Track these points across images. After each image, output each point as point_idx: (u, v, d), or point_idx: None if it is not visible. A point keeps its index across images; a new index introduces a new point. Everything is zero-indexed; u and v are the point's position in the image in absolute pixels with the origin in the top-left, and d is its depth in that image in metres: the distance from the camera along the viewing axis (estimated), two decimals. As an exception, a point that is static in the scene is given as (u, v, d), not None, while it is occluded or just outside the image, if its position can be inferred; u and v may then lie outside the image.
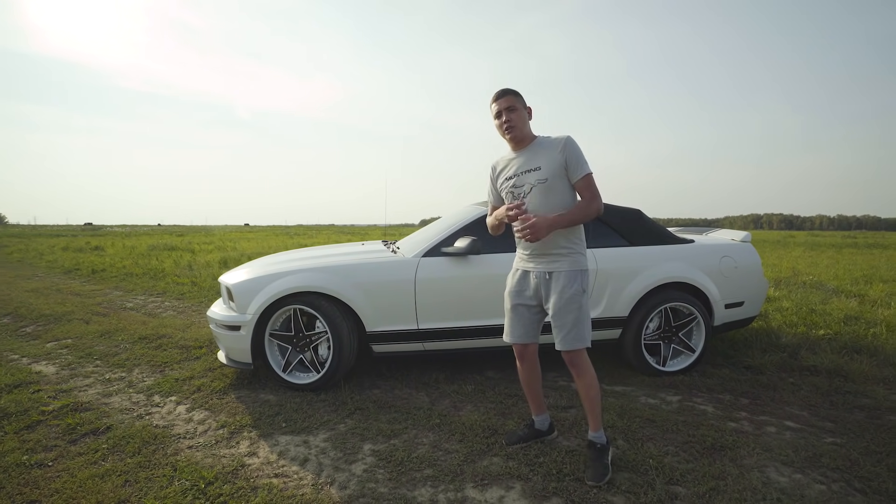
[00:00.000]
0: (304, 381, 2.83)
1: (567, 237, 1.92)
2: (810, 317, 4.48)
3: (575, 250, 1.93)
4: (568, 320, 1.89)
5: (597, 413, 1.98)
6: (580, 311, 1.89)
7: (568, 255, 1.92)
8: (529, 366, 2.14)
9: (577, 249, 1.94)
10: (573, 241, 1.93)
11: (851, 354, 3.42)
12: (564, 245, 1.92)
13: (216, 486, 1.85)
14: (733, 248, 3.35)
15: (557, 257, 1.93)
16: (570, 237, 1.93)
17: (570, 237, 1.93)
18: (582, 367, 1.94)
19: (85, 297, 6.04)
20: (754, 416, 2.49)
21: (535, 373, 2.16)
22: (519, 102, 1.92)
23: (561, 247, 1.92)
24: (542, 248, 1.95)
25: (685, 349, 3.14)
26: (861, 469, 1.95)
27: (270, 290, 2.80)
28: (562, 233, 1.90)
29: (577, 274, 1.91)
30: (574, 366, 1.94)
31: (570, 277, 1.90)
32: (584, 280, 1.92)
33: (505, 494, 1.81)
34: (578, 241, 1.95)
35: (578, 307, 1.89)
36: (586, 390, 1.96)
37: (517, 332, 2.08)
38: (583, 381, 1.96)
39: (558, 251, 1.93)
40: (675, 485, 1.85)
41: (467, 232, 3.03)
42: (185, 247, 14.18)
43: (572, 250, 1.93)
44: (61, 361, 3.43)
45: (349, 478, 1.92)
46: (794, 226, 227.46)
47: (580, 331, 1.90)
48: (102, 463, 2.04)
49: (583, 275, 1.92)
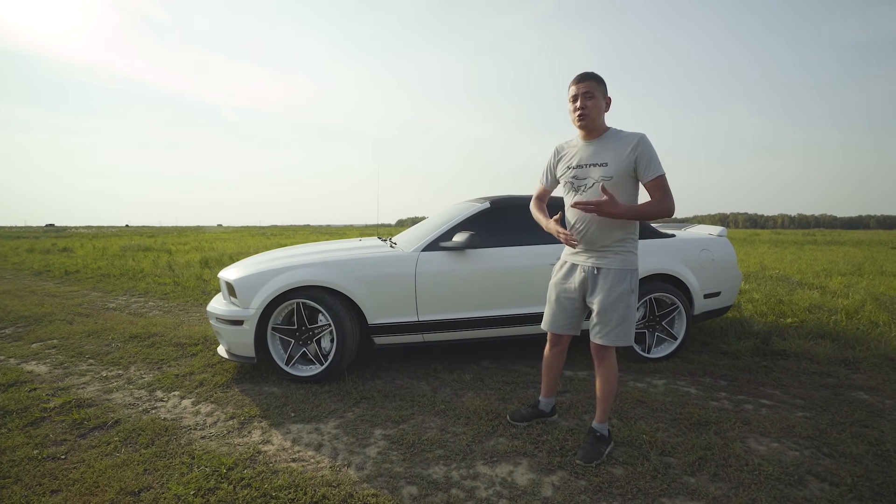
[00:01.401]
0: (308, 374, 2.90)
1: (622, 234, 1.88)
2: (778, 307, 4.80)
3: (627, 248, 1.90)
4: (614, 318, 1.88)
5: (607, 407, 2.02)
6: (627, 309, 1.87)
7: (620, 252, 1.89)
8: (559, 353, 2.21)
9: (629, 248, 1.90)
10: (627, 239, 1.89)
11: (816, 339, 3.71)
12: (618, 242, 1.88)
13: (237, 471, 1.91)
14: (711, 242, 3.58)
15: (608, 254, 1.90)
16: (625, 234, 1.88)
17: (626, 234, 1.88)
18: (607, 360, 1.97)
19: (63, 299, 5.87)
20: (733, 396, 2.70)
21: (561, 360, 2.24)
22: (599, 90, 1.83)
23: (614, 243, 1.89)
24: (592, 243, 1.91)
25: (668, 337, 3.35)
26: (828, 437, 2.17)
27: (275, 285, 2.86)
28: (617, 229, 1.86)
29: (626, 273, 1.88)
30: (602, 359, 1.97)
31: (620, 276, 1.88)
32: (633, 279, 1.90)
33: (514, 469, 1.94)
34: (632, 239, 1.91)
35: (626, 306, 1.87)
36: (605, 383, 1.99)
37: (560, 322, 2.09)
38: (604, 374, 1.98)
39: (611, 248, 1.89)
40: (667, 456, 2.02)
41: (465, 227, 3.16)
42: (159, 247, 13.82)
43: (625, 248, 1.89)
44: (52, 361, 3.38)
45: (365, 460, 2.02)
46: (759, 224, 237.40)
47: (623, 329, 1.88)
48: (117, 454, 2.06)
49: (633, 274, 1.90)
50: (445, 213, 3.58)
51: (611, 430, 2.10)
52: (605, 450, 2.00)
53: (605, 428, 2.06)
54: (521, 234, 3.16)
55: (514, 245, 3.16)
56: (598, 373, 2.01)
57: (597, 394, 2.04)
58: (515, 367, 3.21)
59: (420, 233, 3.40)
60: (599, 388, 2.02)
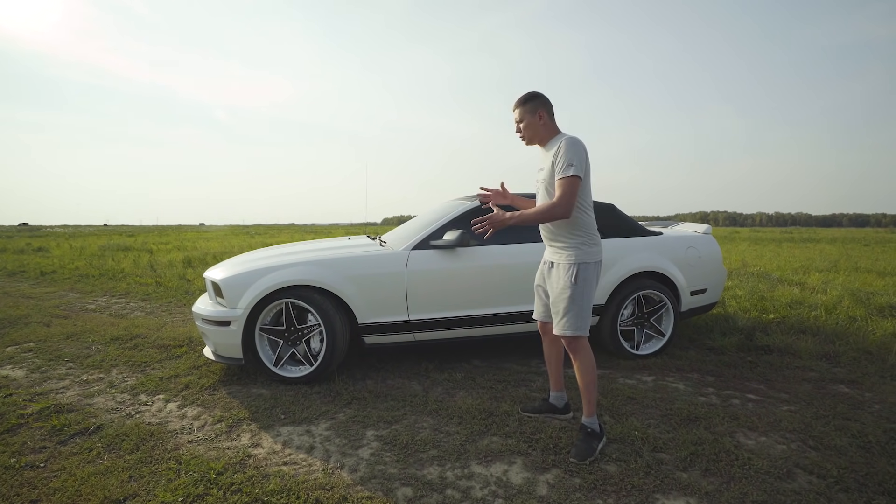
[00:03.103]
0: (297, 375, 2.85)
1: (568, 231, 2.00)
2: (761, 303, 4.91)
3: (572, 244, 2.00)
4: (560, 308, 2.01)
5: (590, 399, 2.05)
6: (570, 300, 1.97)
7: (567, 248, 2.01)
8: (549, 342, 2.30)
9: (573, 244, 2.00)
10: (574, 235, 2.00)
11: (798, 335, 3.80)
12: (565, 239, 2.02)
13: (227, 476, 1.87)
14: (697, 240, 3.64)
15: (559, 249, 2.05)
16: (571, 231, 2.00)
17: (571, 231, 2.00)
18: (577, 353, 2.02)
19: (39, 300, 5.68)
20: (720, 391, 2.74)
21: (555, 349, 2.30)
22: (528, 111, 2.01)
23: (561, 240, 2.03)
24: (548, 241, 2.12)
25: (656, 334, 3.39)
26: (813, 430, 2.22)
27: (263, 284, 2.80)
28: (563, 227, 2.00)
29: (571, 267, 1.99)
30: (570, 350, 2.05)
31: (565, 269, 2.01)
32: (578, 272, 1.97)
33: (508, 468, 1.93)
34: (579, 234, 2.00)
35: (569, 297, 1.97)
36: (580, 375, 2.04)
37: (539, 311, 2.27)
38: (577, 366, 2.04)
39: (560, 243, 2.04)
40: (659, 452, 2.04)
41: (455, 225, 3.14)
42: (140, 247, 13.48)
43: (572, 244, 2.00)
44: (29, 365, 3.26)
45: (358, 461, 1.99)
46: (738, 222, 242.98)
47: (570, 319, 1.98)
48: (100, 461, 2.00)
49: (578, 267, 1.97)
50: (435, 212, 3.56)
51: (602, 425, 2.11)
52: (597, 445, 2.01)
53: (594, 422, 2.06)
54: (511, 232, 3.16)
55: (504, 243, 3.16)
56: (574, 366, 2.08)
57: (579, 388, 2.10)
58: (507, 365, 3.21)
59: (409, 231, 3.37)
60: (578, 382, 2.08)
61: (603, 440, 2.06)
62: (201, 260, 9.32)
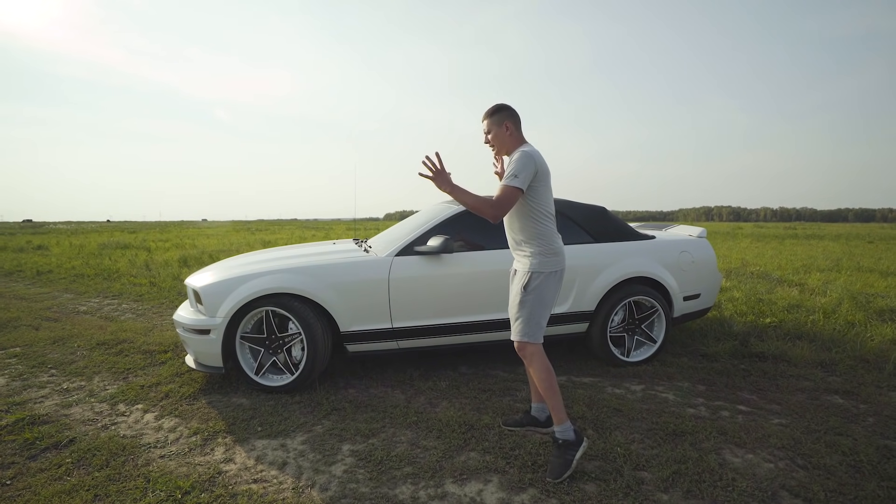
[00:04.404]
0: (278, 384, 2.80)
1: (525, 242, 2.04)
2: (758, 306, 4.82)
3: (529, 253, 2.03)
4: (513, 314, 2.06)
5: (553, 406, 1.99)
6: (520, 307, 2.01)
7: (525, 257, 2.05)
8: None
9: (530, 253, 2.03)
10: (531, 244, 2.02)
11: (794, 340, 3.72)
12: (524, 247, 2.06)
13: (193, 496, 1.82)
14: (690, 244, 3.55)
15: (519, 258, 2.10)
16: (528, 242, 2.03)
17: (528, 241, 2.03)
18: (528, 359, 2.03)
19: (31, 301, 5.67)
20: (710, 402, 2.67)
21: None
22: (495, 123, 2.06)
23: (521, 248, 2.08)
24: (511, 249, 2.16)
25: (647, 340, 3.32)
26: (803, 447, 2.15)
27: (242, 293, 2.75)
28: (521, 235, 2.05)
29: (525, 275, 2.03)
30: (521, 356, 2.06)
31: (520, 277, 2.05)
32: (529, 280, 2.00)
33: (483, 488, 1.88)
34: (536, 244, 2.01)
35: (518, 303, 2.02)
36: (537, 382, 2.02)
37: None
38: (533, 373, 2.03)
39: (520, 252, 2.09)
40: (641, 470, 1.98)
41: (439, 230, 3.07)
42: (139, 244, 13.49)
43: (527, 253, 2.04)
44: (11, 372, 3.23)
45: (330, 479, 1.94)
46: (742, 217, 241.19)
47: (520, 325, 2.01)
48: (68, 478, 1.95)
49: (531, 276, 2.00)
50: (422, 215, 3.49)
51: (577, 430, 1.99)
52: (573, 456, 1.92)
53: (566, 430, 1.97)
54: (498, 237, 3.08)
55: (490, 249, 3.09)
56: (530, 372, 2.08)
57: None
58: (493, 372, 3.15)
59: (394, 236, 3.30)
60: (539, 388, 2.03)
61: (582, 446, 1.94)
62: (197, 259, 9.30)
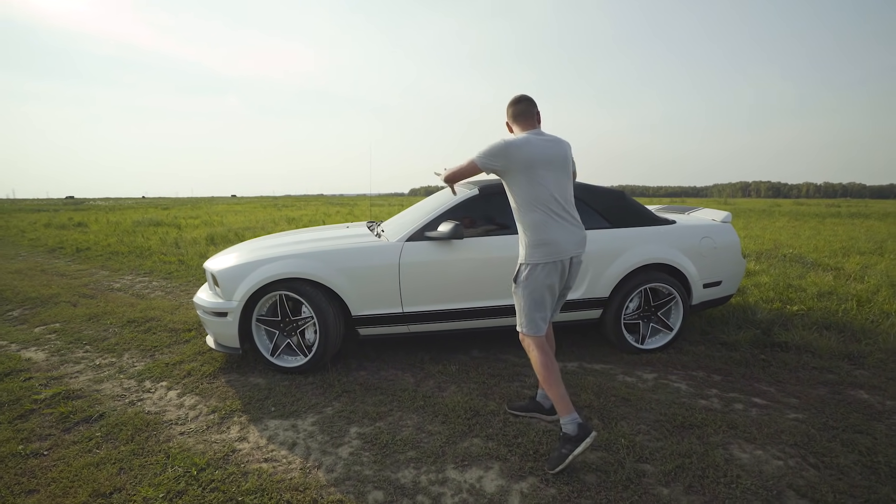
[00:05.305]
0: (293, 365, 2.90)
1: (521, 230, 2.06)
2: (786, 292, 4.62)
3: (523, 244, 2.06)
4: (514, 304, 2.10)
5: (553, 396, 1.96)
6: (516, 299, 2.07)
7: (521, 247, 2.08)
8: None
9: (523, 243, 2.06)
10: (524, 234, 2.04)
11: (821, 330, 3.56)
12: (521, 237, 2.07)
13: (208, 473, 1.93)
14: (713, 229, 3.41)
15: (520, 248, 2.10)
16: (522, 231, 2.05)
17: (523, 231, 2.05)
18: (526, 349, 2.08)
19: (71, 278, 6.00)
20: (724, 394, 2.61)
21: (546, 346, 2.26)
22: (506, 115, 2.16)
23: (521, 238, 2.08)
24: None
25: (663, 328, 3.25)
26: (817, 444, 2.08)
27: (256, 277, 2.83)
28: (518, 224, 2.07)
29: (518, 266, 2.07)
30: (523, 346, 2.10)
31: (516, 268, 2.09)
32: (518, 272, 2.04)
33: (483, 475, 1.91)
34: (528, 234, 2.03)
35: (514, 295, 2.08)
36: (537, 373, 2.04)
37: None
38: (532, 361, 2.07)
39: (520, 242, 2.09)
40: (643, 463, 1.97)
41: (450, 216, 3.05)
42: (170, 222, 13.99)
43: (522, 244, 2.07)
44: (51, 347, 3.46)
45: (336, 461, 2.01)
46: (781, 193, 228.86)
47: (519, 317, 2.07)
48: (97, 451, 2.10)
49: (520, 267, 2.04)
50: (434, 199, 3.47)
51: (582, 422, 1.91)
52: (569, 451, 1.86)
53: (571, 422, 1.90)
54: (510, 221, 3.04)
55: (503, 234, 3.05)
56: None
57: None
58: (504, 356, 3.17)
59: (406, 221, 3.30)
60: (539, 379, 2.06)
61: (586, 440, 1.85)
62: (224, 237, 9.59)
